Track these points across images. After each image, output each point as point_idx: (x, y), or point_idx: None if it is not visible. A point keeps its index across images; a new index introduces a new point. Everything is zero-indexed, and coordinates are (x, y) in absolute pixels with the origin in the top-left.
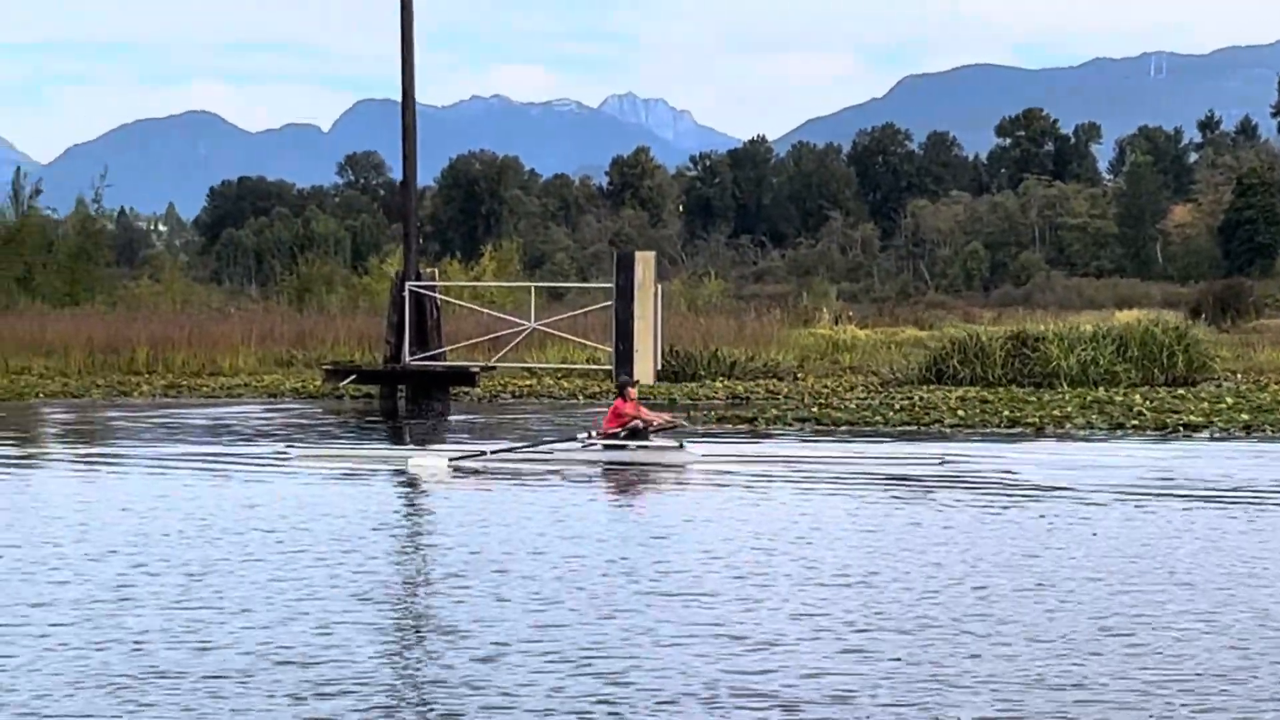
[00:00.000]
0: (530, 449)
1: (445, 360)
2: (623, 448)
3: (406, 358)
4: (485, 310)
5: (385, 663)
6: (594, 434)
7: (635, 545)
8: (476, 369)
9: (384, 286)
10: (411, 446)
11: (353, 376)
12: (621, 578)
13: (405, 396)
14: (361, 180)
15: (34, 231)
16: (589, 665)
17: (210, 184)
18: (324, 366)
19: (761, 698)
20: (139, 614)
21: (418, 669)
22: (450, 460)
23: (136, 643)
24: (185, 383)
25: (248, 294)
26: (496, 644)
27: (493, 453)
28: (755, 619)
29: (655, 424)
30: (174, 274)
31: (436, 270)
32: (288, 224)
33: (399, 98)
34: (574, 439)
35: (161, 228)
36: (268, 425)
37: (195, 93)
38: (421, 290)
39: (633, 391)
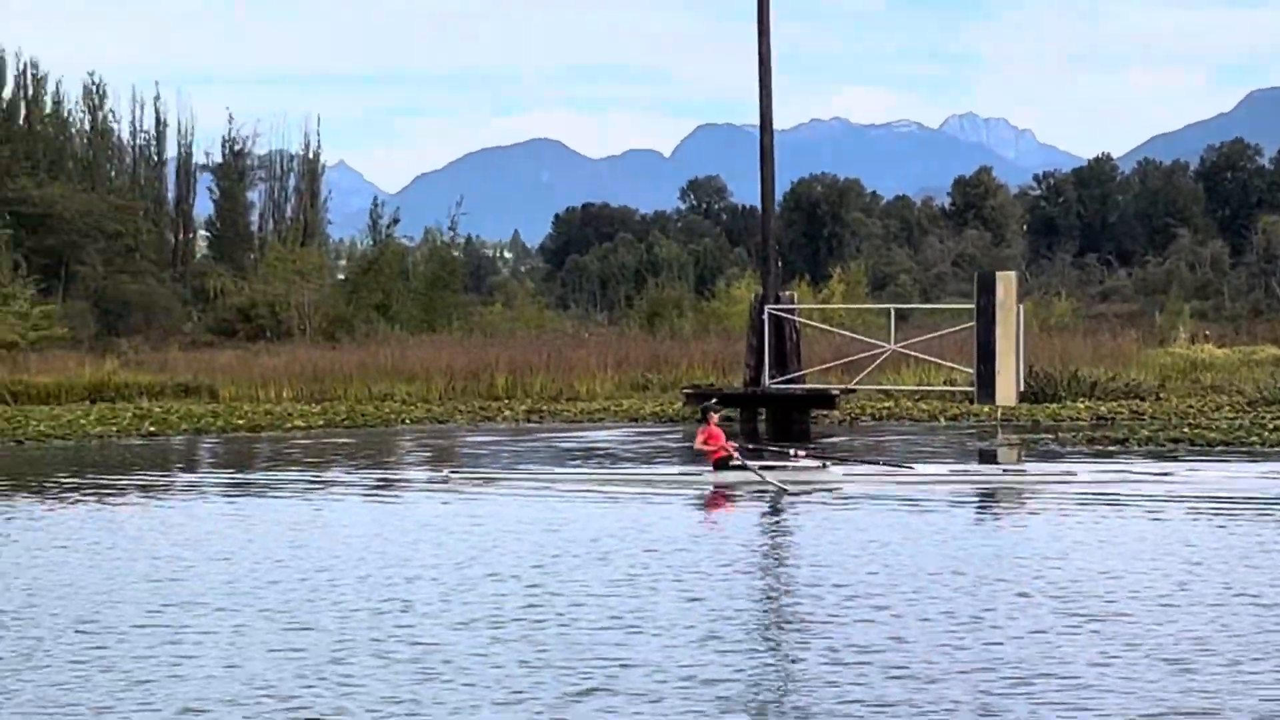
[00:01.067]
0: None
1: (805, 383)
2: (771, 467)
3: (766, 380)
4: (842, 332)
5: (810, 684)
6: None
7: (1029, 566)
8: (837, 392)
9: (733, 310)
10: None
11: (714, 400)
12: (1022, 600)
13: (766, 419)
14: (704, 204)
15: (392, 260)
16: (1026, 685)
17: (554, 210)
18: (684, 390)
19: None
20: (552, 633)
21: (844, 689)
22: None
23: (560, 662)
24: (545, 408)
25: (594, 319)
26: (926, 663)
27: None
28: (1175, 638)
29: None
30: (526, 300)
31: (795, 293)
32: (631, 249)
33: (740, 122)
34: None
35: (507, 254)
36: (639, 448)
37: (539, 120)
38: (781, 313)
39: (715, 416)
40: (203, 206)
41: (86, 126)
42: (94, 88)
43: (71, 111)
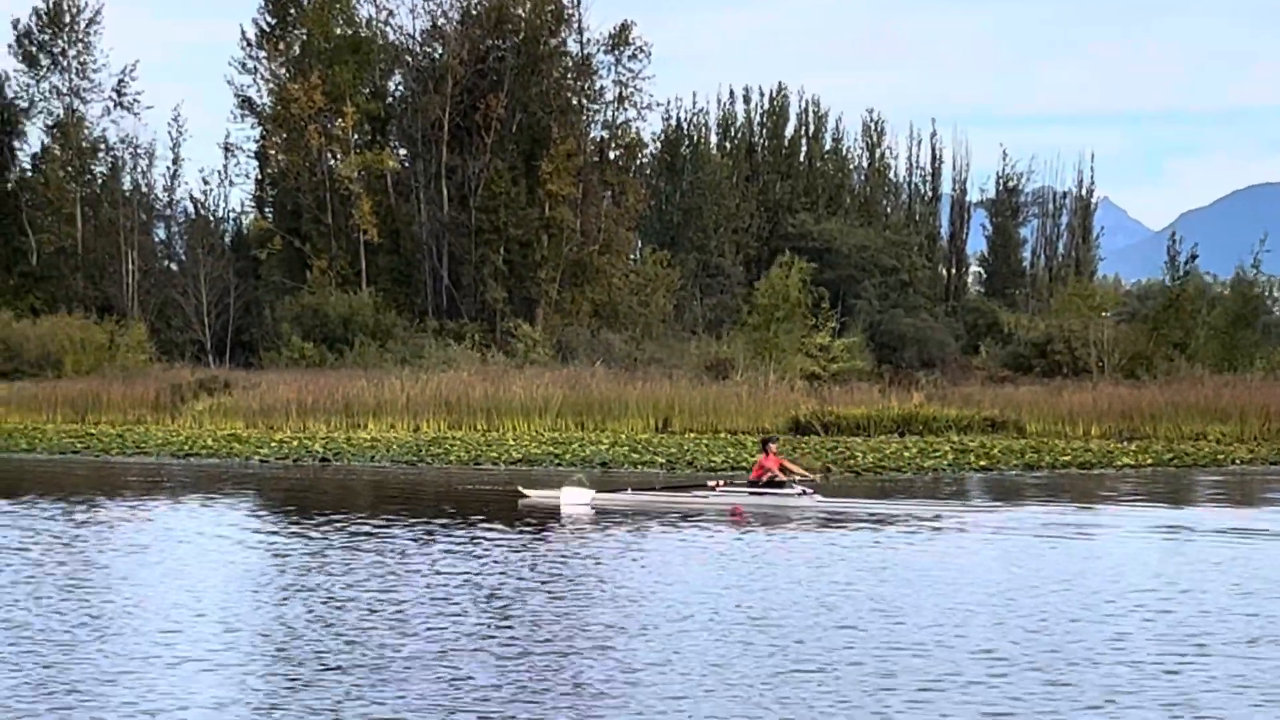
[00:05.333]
0: (668, 492)
1: None
2: (760, 494)
3: None
4: None
5: None
6: (723, 483)
7: None
8: None
9: None
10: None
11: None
12: None
13: None
14: None
15: (1193, 296)
16: None
17: None
18: None
19: None
20: None
21: None
22: (594, 497)
23: None
24: None
25: None
26: None
27: (634, 490)
28: None
29: (795, 476)
30: None
31: None
32: None
33: None
34: (705, 485)
35: (1277, 293)
36: None
37: None
38: None
39: (774, 448)
40: (974, 242)
41: (864, 163)
42: (872, 125)
43: (850, 149)
